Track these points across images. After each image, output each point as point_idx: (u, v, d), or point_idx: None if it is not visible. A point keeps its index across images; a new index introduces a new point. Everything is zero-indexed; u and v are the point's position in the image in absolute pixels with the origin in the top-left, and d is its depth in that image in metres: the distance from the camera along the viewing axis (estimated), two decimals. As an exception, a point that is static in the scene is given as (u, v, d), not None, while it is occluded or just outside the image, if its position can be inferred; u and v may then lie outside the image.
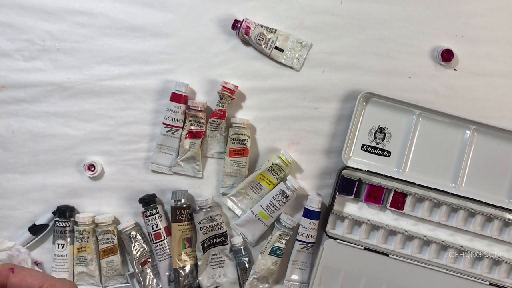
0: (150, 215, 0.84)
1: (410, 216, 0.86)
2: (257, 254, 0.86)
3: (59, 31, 0.87)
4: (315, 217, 0.84)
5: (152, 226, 0.84)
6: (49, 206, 0.87)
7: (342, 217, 0.86)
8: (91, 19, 0.87)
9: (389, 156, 0.86)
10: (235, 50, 0.88)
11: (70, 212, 0.85)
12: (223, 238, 0.86)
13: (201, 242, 0.84)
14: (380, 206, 0.86)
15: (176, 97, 0.84)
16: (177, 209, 0.84)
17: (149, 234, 0.85)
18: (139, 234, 0.85)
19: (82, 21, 0.87)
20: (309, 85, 0.88)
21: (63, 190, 0.87)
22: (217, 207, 0.87)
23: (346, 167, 0.84)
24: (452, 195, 0.83)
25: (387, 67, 0.88)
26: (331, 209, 0.84)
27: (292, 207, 0.88)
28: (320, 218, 0.85)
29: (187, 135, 0.85)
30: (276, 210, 0.84)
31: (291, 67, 0.88)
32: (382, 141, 0.86)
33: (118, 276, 0.85)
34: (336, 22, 0.88)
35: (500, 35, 0.88)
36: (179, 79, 0.87)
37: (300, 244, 0.85)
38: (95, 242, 0.85)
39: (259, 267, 0.83)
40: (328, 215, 0.85)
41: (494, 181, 0.85)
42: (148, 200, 0.85)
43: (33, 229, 0.85)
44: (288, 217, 0.85)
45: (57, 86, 0.87)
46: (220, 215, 0.85)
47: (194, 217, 0.85)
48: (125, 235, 0.85)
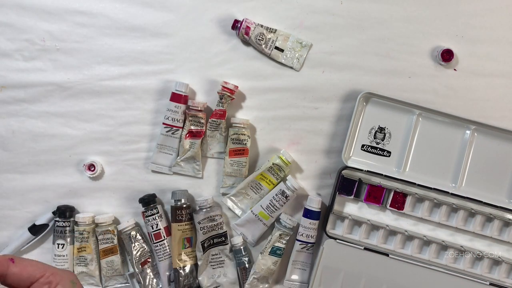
0: (150, 215, 0.84)
1: (410, 216, 0.86)
2: (257, 254, 0.86)
3: (59, 31, 0.87)
4: (315, 217, 0.84)
5: (152, 226, 0.84)
6: (49, 206, 0.87)
7: (342, 217, 0.86)
8: (91, 19, 0.87)
9: (389, 156, 0.86)
10: (235, 50, 0.88)
11: (70, 212, 0.85)
12: (223, 238, 0.86)
13: (201, 242, 0.84)
14: (380, 206, 0.86)
15: (176, 97, 0.84)
16: (177, 209, 0.84)
17: (149, 234, 0.85)
18: (139, 234, 0.85)
19: (82, 21, 0.87)
20: (309, 85, 0.88)
21: (63, 190, 0.87)
22: (217, 207, 0.87)
23: (346, 167, 0.84)
24: (452, 195, 0.83)
25: (387, 67, 0.88)
26: (331, 209, 0.84)
27: (292, 207, 0.88)
28: (320, 218, 0.85)
29: (187, 135, 0.85)
30: (276, 210, 0.84)
31: (291, 67, 0.88)
32: (382, 141, 0.86)
33: (118, 276, 0.85)
34: (336, 22, 0.88)
35: (500, 35, 0.88)
36: (179, 79, 0.87)
37: (300, 244, 0.85)
38: (95, 242, 0.85)
39: (259, 267, 0.83)
40: (328, 215, 0.85)
41: (494, 181, 0.85)
42: (148, 200, 0.85)
43: (33, 229, 0.85)
44: (288, 217, 0.85)
45: (57, 86, 0.87)
46: (220, 215, 0.85)
47: (194, 217, 0.85)
48: (125, 235, 0.85)
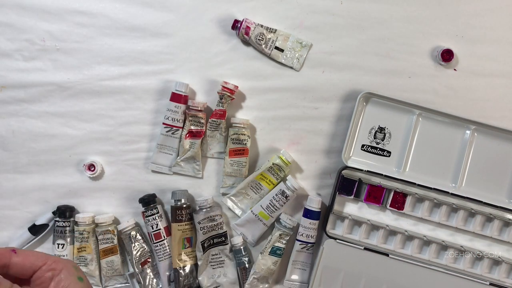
0: (150, 215, 0.84)
1: (410, 216, 0.86)
2: (257, 254, 0.86)
3: (59, 31, 0.87)
4: (315, 217, 0.84)
5: (152, 226, 0.84)
6: (49, 206, 0.87)
7: (342, 217, 0.86)
8: (91, 19, 0.87)
9: (389, 156, 0.86)
10: (235, 50, 0.88)
11: (70, 212, 0.85)
12: (223, 238, 0.86)
13: (201, 242, 0.84)
14: (380, 206, 0.86)
15: (176, 97, 0.84)
16: (177, 209, 0.84)
17: (149, 234, 0.85)
18: (139, 234, 0.85)
19: (82, 21, 0.87)
20: (309, 85, 0.88)
21: (63, 190, 0.87)
22: (217, 207, 0.87)
23: (346, 167, 0.84)
24: (452, 195, 0.83)
25: (387, 67, 0.88)
26: (331, 209, 0.84)
27: (292, 207, 0.88)
28: (320, 218, 0.85)
29: (187, 135, 0.85)
30: (276, 210, 0.84)
31: (291, 67, 0.88)
32: (382, 141, 0.86)
33: (118, 276, 0.85)
34: (336, 22, 0.88)
35: (500, 35, 0.88)
36: (179, 79, 0.87)
37: (300, 244, 0.85)
38: (95, 242, 0.85)
39: (259, 267, 0.83)
40: (328, 215, 0.84)
41: (494, 181, 0.85)
42: (148, 200, 0.85)
43: (33, 229, 0.85)
44: (288, 217, 0.85)
45: (57, 86, 0.87)
46: (220, 215, 0.85)
47: (194, 217, 0.85)
48: (125, 235, 0.85)
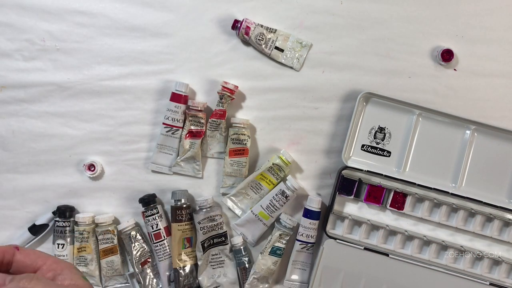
0: (150, 215, 0.84)
1: (410, 216, 0.86)
2: (257, 254, 0.86)
3: (59, 31, 0.87)
4: (315, 217, 0.84)
5: (152, 226, 0.84)
6: (49, 206, 0.87)
7: (342, 217, 0.86)
8: (91, 19, 0.87)
9: (389, 156, 0.86)
10: (235, 50, 0.88)
11: (70, 212, 0.85)
12: (223, 238, 0.86)
13: (201, 242, 0.84)
14: (380, 206, 0.86)
15: (176, 97, 0.84)
16: (177, 209, 0.84)
17: (149, 234, 0.85)
18: (139, 234, 0.85)
19: (82, 21, 0.87)
20: (309, 85, 0.88)
21: (63, 190, 0.87)
22: (217, 207, 0.87)
23: (346, 167, 0.84)
24: (452, 195, 0.83)
25: (387, 67, 0.88)
26: (331, 209, 0.84)
27: (292, 207, 0.88)
28: (320, 218, 0.85)
29: (187, 135, 0.85)
30: (276, 210, 0.84)
31: (291, 67, 0.88)
32: (382, 141, 0.86)
33: (118, 276, 0.85)
34: (336, 22, 0.88)
35: (500, 35, 0.88)
36: (179, 79, 0.87)
37: (300, 244, 0.85)
38: (95, 242, 0.85)
39: (259, 267, 0.83)
40: (328, 215, 0.84)
41: (494, 181, 0.85)
42: (148, 200, 0.85)
43: (33, 229, 0.85)
44: (288, 217, 0.85)
45: (57, 86, 0.87)
46: (220, 215, 0.85)
47: (194, 217, 0.85)
48: (125, 235, 0.85)
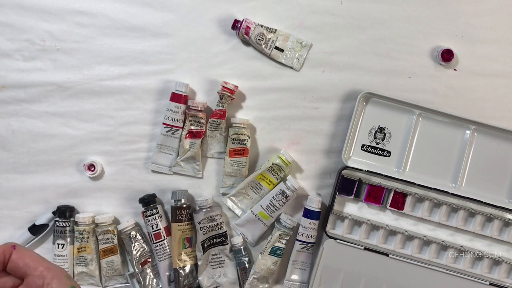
0: (150, 215, 0.84)
1: (410, 216, 0.86)
2: (257, 254, 0.86)
3: (59, 31, 0.87)
4: (315, 217, 0.84)
5: (152, 226, 0.84)
6: (49, 206, 0.87)
7: (342, 217, 0.86)
8: (91, 19, 0.87)
9: (389, 156, 0.86)
10: (235, 50, 0.88)
11: (70, 212, 0.85)
12: (223, 238, 0.86)
13: (201, 242, 0.84)
14: (380, 206, 0.86)
15: (176, 97, 0.84)
16: (177, 209, 0.84)
17: (149, 234, 0.85)
18: (139, 234, 0.85)
19: (82, 21, 0.87)
20: (309, 85, 0.88)
21: (63, 190, 0.87)
22: (217, 207, 0.87)
23: (346, 167, 0.84)
24: (452, 195, 0.83)
25: (387, 67, 0.88)
26: (331, 209, 0.84)
27: (292, 207, 0.88)
28: (320, 218, 0.85)
29: (187, 135, 0.85)
30: (276, 210, 0.84)
31: (291, 67, 0.88)
32: (382, 141, 0.86)
33: (118, 276, 0.85)
34: (336, 22, 0.88)
35: (500, 35, 0.88)
36: (179, 79, 0.87)
37: (300, 244, 0.85)
38: (95, 242, 0.85)
39: (259, 267, 0.83)
40: (328, 215, 0.84)
41: (494, 181, 0.85)
42: (148, 200, 0.85)
43: (33, 229, 0.85)
44: (288, 217, 0.85)
45: (57, 86, 0.87)
46: (220, 215, 0.85)
47: (194, 217, 0.85)
48: (125, 235, 0.85)
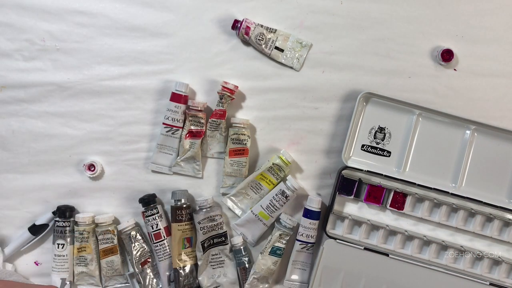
0: (150, 215, 0.84)
1: (410, 216, 0.86)
2: (257, 254, 0.86)
3: (59, 31, 0.87)
4: (315, 217, 0.84)
5: (152, 226, 0.84)
6: (49, 206, 0.87)
7: (342, 217, 0.86)
8: (91, 19, 0.87)
9: (389, 156, 0.86)
10: (235, 50, 0.88)
11: (70, 212, 0.85)
12: (223, 238, 0.86)
13: (201, 242, 0.84)
14: (380, 206, 0.86)
15: (176, 97, 0.84)
16: (177, 209, 0.84)
17: (149, 234, 0.85)
18: (139, 234, 0.85)
19: (82, 21, 0.87)
20: (309, 85, 0.88)
21: (63, 190, 0.87)
22: (217, 207, 0.87)
23: (346, 167, 0.84)
24: (452, 195, 0.83)
25: (387, 67, 0.88)
26: (331, 209, 0.84)
27: (292, 207, 0.88)
28: (320, 218, 0.85)
29: (187, 135, 0.85)
30: (276, 210, 0.84)
31: (291, 67, 0.88)
32: (382, 141, 0.86)
33: (118, 276, 0.85)
34: (336, 22, 0.88)
35: (500, 35, 0.88)
36: (179, 79, 0.87)
37: (300, 244, 0.85)
38: (95, 242, 0.85)
39: (259, 267, 0.83)
40: (328, 215, 0.84)
41: (494, 181, 0.85)
42: (148, 200, 0.85)
43: (33, 229, 0.85)
44: (288, 217, 0.85)
45: (57, 86, 0.87)
46: (220, 215, 0.85)
47: (194, 217, 0.85)
48: (125, 235, 0.85)
